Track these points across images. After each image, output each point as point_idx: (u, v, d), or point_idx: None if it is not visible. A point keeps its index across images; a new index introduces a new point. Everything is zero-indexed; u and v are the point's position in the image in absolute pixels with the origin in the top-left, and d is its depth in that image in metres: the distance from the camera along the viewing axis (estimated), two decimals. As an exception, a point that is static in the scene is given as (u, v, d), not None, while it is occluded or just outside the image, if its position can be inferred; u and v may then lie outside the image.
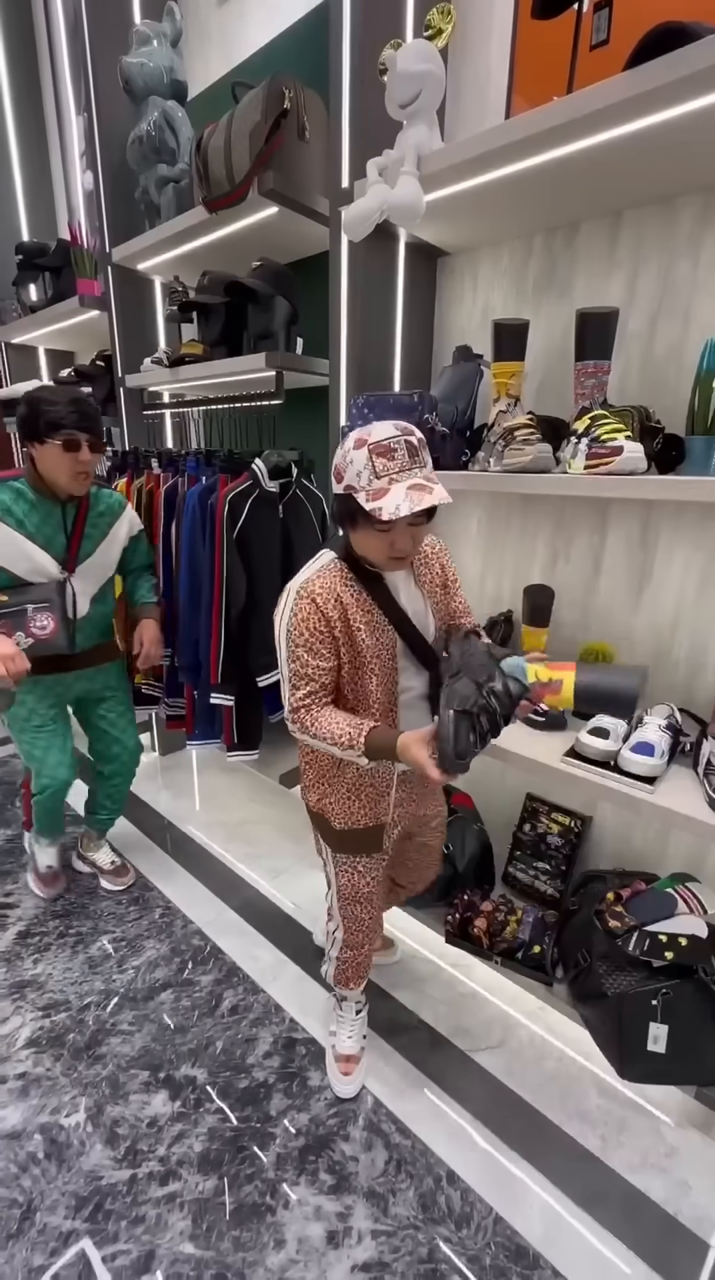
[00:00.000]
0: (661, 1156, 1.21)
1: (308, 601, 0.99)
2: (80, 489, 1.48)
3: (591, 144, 1.04)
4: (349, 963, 1.30)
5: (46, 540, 1.50)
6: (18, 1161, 1.17)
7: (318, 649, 1.00)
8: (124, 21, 2.06)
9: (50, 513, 1.50)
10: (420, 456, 0.92)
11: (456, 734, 0.92)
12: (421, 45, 1.21)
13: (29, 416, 1.38)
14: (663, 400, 1.26)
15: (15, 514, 1.46)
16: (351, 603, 1.01)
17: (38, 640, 1.51)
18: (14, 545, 1.47)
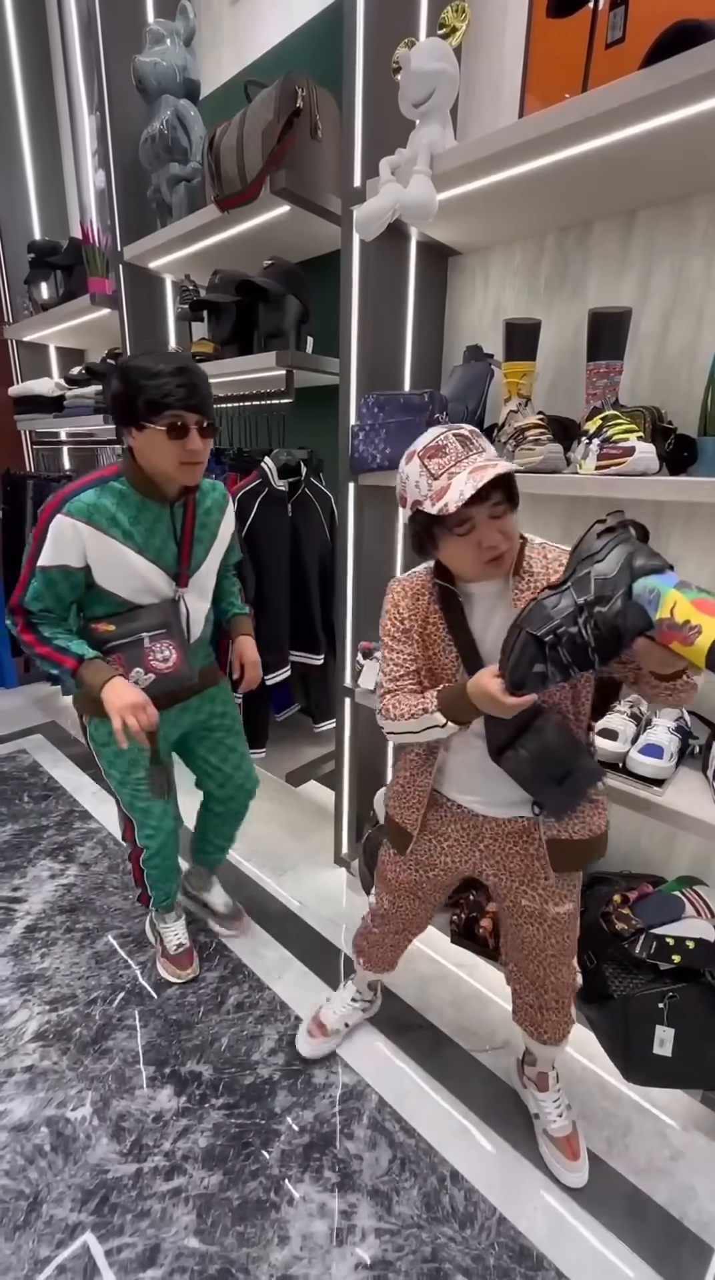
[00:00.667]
0: (667, 1160, 1.20)
1: (395, 593, 1.03)
2: (192, 480, 1.18)
3: (606, 143, 1.04)
4: (365, 933, 1.32)
5: (157, 552, 1.21)
6: (24, 1154, 1.18)
7: (400, 638, 1.02)
8: (137, 20, 2.07)
9: (159, 517, 1.21)
10: (475, 444, 0.86)
11: (518, 660, 0.81)
12: (435, 44, 1.21)
13: (123, 394, 1.08)
14: (675, 401, 1.26)
15: (121, 523, 1.16)
16: (427, 610, 0.99)
17: (159, 675, 1.23)
18: (123, 563, 1.18)
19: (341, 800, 1.94)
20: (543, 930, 1.08)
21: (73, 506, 1.12)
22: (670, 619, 0.70)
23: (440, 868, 1.12)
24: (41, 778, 2.55)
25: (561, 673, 0.80)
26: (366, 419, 1.49)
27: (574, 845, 1.02)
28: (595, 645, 0.77)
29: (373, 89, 1.34)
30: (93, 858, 2.04)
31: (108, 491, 1.16)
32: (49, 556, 1.13)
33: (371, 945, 1.31)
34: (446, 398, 1.43)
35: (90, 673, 1.16)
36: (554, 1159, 1.17)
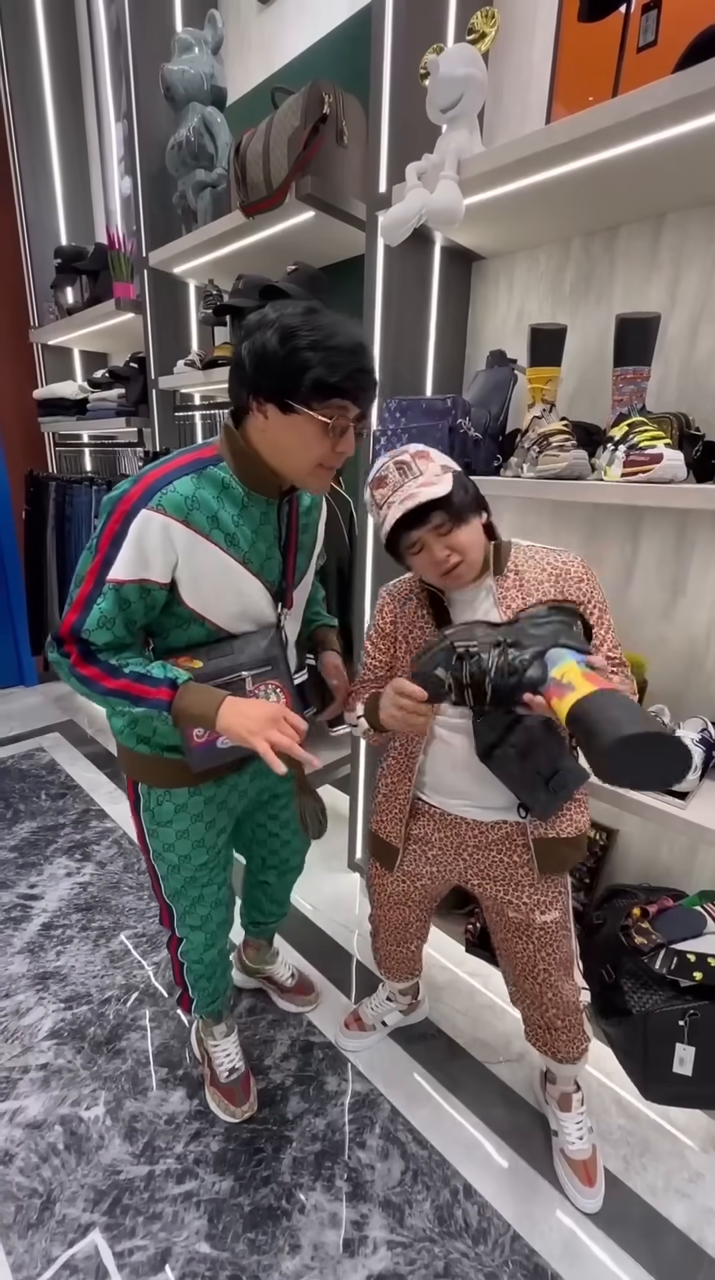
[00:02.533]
0: (685, 1181, 1.18)
1: (382, 599, 1.10)
2: (321, 488, 0.92)
3: (637, 147, 1.03)
4: (375, 948, 1.33)
5: (261, 563, 0.93)
6: (38, 1151, 1.19)
7: (377, 644, 1.10)
8: (166, 29, 2.09)
9: (265, 517, 0.93)
10: (412, 469, 0.91)
11: (427, 656, 0.88)
12: (464, 49, 1.21)
13: (281, 360, 0.77)
14: (703, 407, 1.24)
15: (224, 524, 0.87)
16: (412, 614, 1.05)
17: None
18: (225, 578, 0.89)
19: (356, 805, 1.93)
20: (532, 943, 1.07)
21: (166, 499, 0.81)
22: (558, 679, 0.79)
23: (426, 876, 1.13)
24: (59, 776, 2.57)
25: (457, 690, 0.87)
26: (388, 424, 1.49)
27: (561, 844, 1.03)
28: (493, 676, 0.84)
29: (399, 94, 1.34)
30: (108, 856, 2.06)
31: (207, 481, 0.86)
32: (128, 567, 0.82)
33: (383, 956, 1.31)
34: (469, 403, 1.42)
35: (193, 700, 0.84)
36: (569, 1181, 1.15)
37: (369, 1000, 1.45)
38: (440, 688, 0.89)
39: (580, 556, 0.99)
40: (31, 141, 2.84)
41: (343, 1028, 1.43)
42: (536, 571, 0.97)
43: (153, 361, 2.33)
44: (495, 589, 0.97)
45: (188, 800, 1.03)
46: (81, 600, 0.85)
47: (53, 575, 2.91)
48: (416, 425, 1.44)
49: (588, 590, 0.97)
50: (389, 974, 1.33)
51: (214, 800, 1.06)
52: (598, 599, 0.98)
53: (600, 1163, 1.17)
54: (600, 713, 0.74)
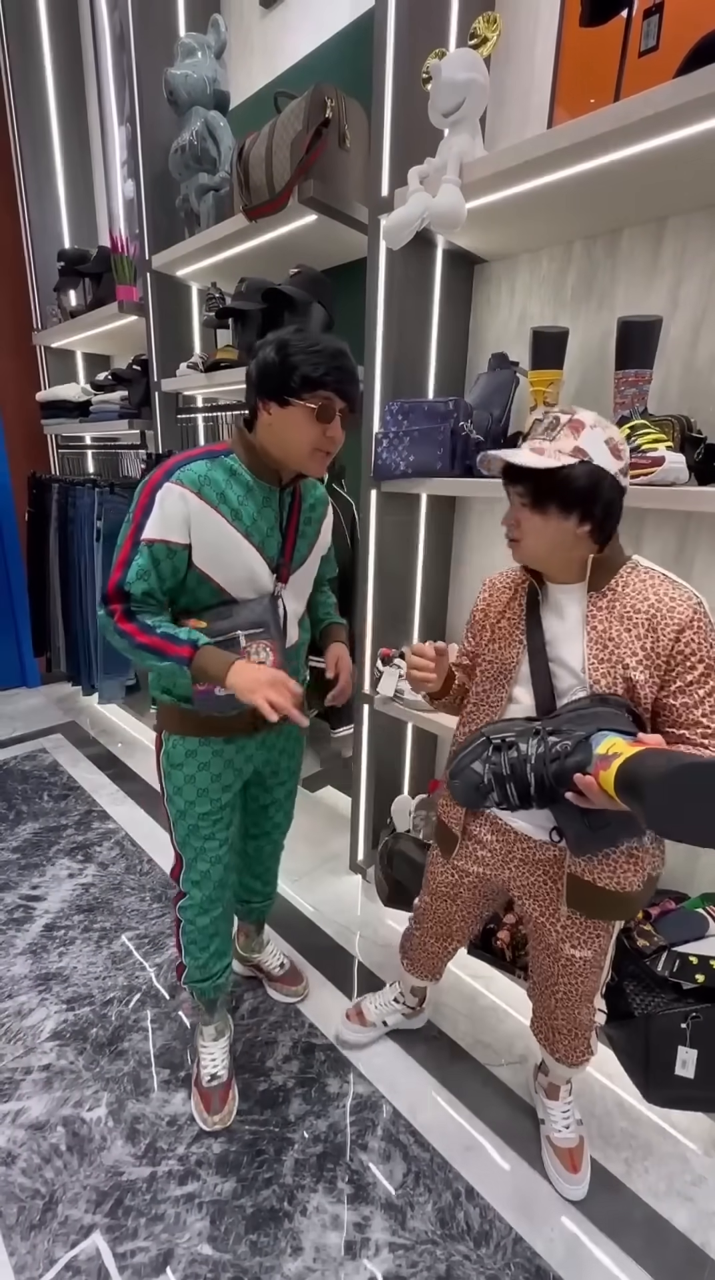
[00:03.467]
0: (688, 1185, 1.17)
1: (486, 585, 1.10)
2: (320, 471, 1.07)
3: (638, 152, 1.03)
4: (408, 933, 1.33)
5: (263, 539, 1.08)
6: (41, 1152, 1.19)
7: (470, 629, 1.11)
8: (169, 34, 2.10)
9: (268, 501, 1.08)
10: (555, 430, 0.84)
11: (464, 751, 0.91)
12: (466, 54, 1.21)
13: (277, 364, 0.97)
14: (705, 410, 1.24)
15: (231, 501, 1.03)
16: (504, 605, 1.04)
17: None
18: (229, 545, 1.04)
19: (358, 807, 1.93)
20: (557, 966, 1.06)
21: (183, 474, 1.00)
22: (604, 754, 0.76)
23: (474, 875, 1.13)
24: (61, 777, 2.58)
25: (497, 784, 0.86)
26: (390, 426, 1.49)
27: (595, 891, 0.96)
28: (534, 764, 0.82)
29: (402, 99, 1.35)
30: (110, 858, 2.06)
31: (219, 466, 1.04)
32: (155, 529, 0.99)
33: (413, 947, 1.32)
34: (471, 405, 1.43)
35: (209, 660, 0.99)
36: (554, 1168, 1.17)
37: (374, 998, 1.45)
38: (478, 783, 0.87)
39: (700, 601, 0.86)
40: (35, 145, 2.85)
41: (344, 1017, 1.44)
42: (637, 599, 0.87)
43: (155, 364, 2.34)
44: (586, 603, 0.91)
45: (198, 748, 1.16)
46: (122, 561, 1.01)
47: (55, 577, 2.92)
48: (418, 427, 1.44)
49: (693, 641, 0.84)
50: (413, 968, 1.32)
51: (222, 755, 1.18)
52: (706, 653, 0.84)
53: (586, 1152, 1.19)
54: (645, 762, 0.70)
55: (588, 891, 0.97)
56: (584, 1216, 1.12)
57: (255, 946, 1.58)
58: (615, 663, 0.87)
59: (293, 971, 1.57)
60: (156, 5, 2.08)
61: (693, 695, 0.84)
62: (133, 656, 1.03)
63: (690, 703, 0.85)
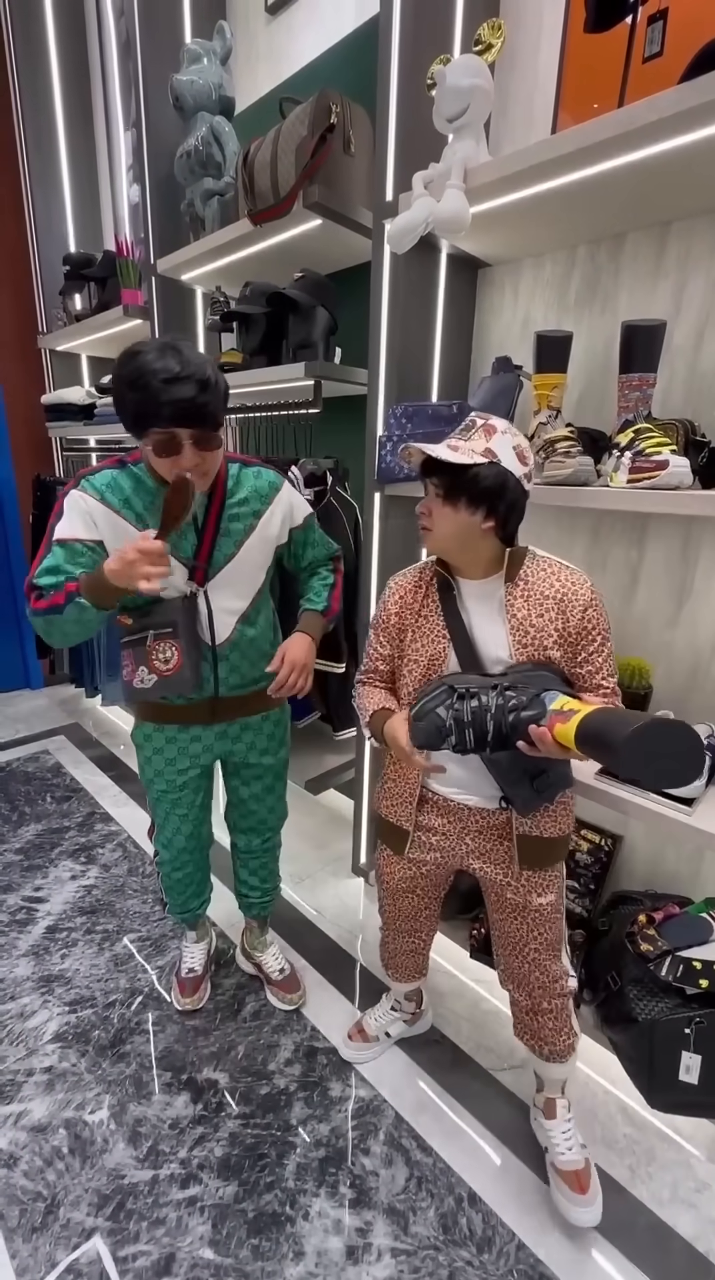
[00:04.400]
0: (691, 1191, 1.17)
1: (391, 587, 1.11)
2: (200, 487, 1.07)
3: (642, 157, 1.03)
4: (381, 944, 1.35)
5: (173, 543, 1.07)
6: (43, 1155, 1.19)
7: (383, 632, 1.11)
8: (175, 40, 2.12)
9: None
10: (472, 430, 0.93)
11: (427, 700, 0.92)
12: (470, 60, 1.22)
13: (118, 404, 0.99)
14: (709, 414, 1.24)
15: (134, 506, 1.08)
16: (419, 603, 1.06)
17: (160, 677, 1.14)
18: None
19: (360, 809, 1.93)
20: (526, 923, 1.11)
21: (87, 483, 1.08)
22: (558, 709, 0.85)
23: (431, 862, 1.15)
24: (64, 779, 2.58)
25: (457, 730, 0.91)
26: (394, 429, 1.50)
27: (544, 843, 1.06)
28: (494, 713, 0.88)
29: (406, 104, 1.35)
30: (113, 860, 2.06)
31: (126, 474, 1.10)
32: (63, 530, 1.07)
33: (390, 955, 1.32)
34: (474, 409, 1.43)
35: (88, 579, 1.02)
36: (561, 1194, 1.11)
37: (372, 1011, 1.45)
38: (442, 727, 0.92)
39: (590, 580, 0.99)
40: (41, 149, 2.87)
41: (346, 1039, 1.42)
42: (544, 586, 0.98)
43: (160, 367, 2.35)
44: (503, 594, 0.99)
45: (153, 733, 1.29)
46: (38, 558, 1.09)
47: (59, 579, 2.93)
48: (422, 431, 1.44)
49: (593, 618, 0.97)
50: (396, 972, 1.33)
51: (176, 742, 1.29)
52: (602, 626, 0.98)
53: (594, 1173, 1.14)
54: (608, 718, 0.79)
55: (537, 845, 1.06)
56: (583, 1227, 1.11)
57: (258, 945, 1.60)
58: (536, 646, 0.97)
59: (291, 978, 1.56)
60: (162, 12, 2.10)
61: (594, 663, 0.98)
62: (54, 630, 1.07)
63: (592, 669, 0.98)
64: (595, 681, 0.99)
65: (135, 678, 1.16)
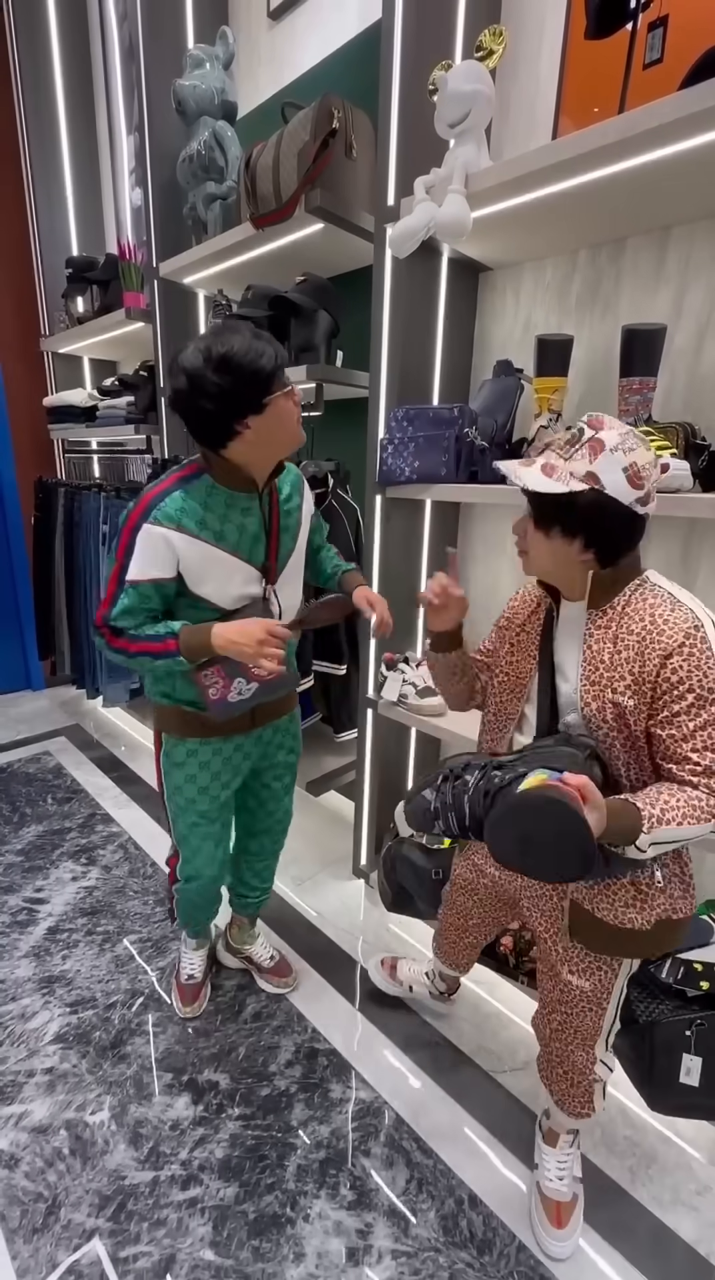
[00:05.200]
0: (693, 1194, 1.17)
1: (520, 592, 1.06)
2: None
3: (643, 162, 1.04)
4: (440, 917, 1.34)
5: (249, 550, 1.10)
6: (44, 1156, 1.19)
7: (496, 630, 1.09)
8: (178, 45, 2.13)
9: (248, 510, 1.09)
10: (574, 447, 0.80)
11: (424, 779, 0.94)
12: (471, 66, 1.23)
13: (237, 384, 0.92)
14: (708, 417, 1.25)
15: (211, 525, 1.05)
16: (525, 619, 1.00)
17: (263, 682, 1.12)
18: (218, 567, 1.07)
19: (361, 811, 1.93)
20: (556, 991, 1.03)
21: (160, 514, 1.01)
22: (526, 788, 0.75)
23: (489, 877, 1.14)
24: (65, 780, 2.59)
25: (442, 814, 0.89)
26: (396, 432, 1.50)
27: (594, 922, 0.93)
28: (471, 794, 0.85)
29: (408, 110, 1.36)
30: (114, 861, 2.06)
31: (194, 491, 1.04)
32: (138, 570, 1.03)
33: (439, 931, 1.35)
34: (476, 412, 1.44)
35: (191, 640, 1.04)
36: (537, 1220, 1.08)
37: (411, 961, 1.49)
38: (427, 810, 0.90)
39: (698, 624, 0.79)
40: (45, 153, 2.89)
41: (380, 962, 1.50)
42: (633, 621, 0.82)
43: (162, 370, 2.36)
44: (587, 622, 0.88)
45: (198, 748, 1.23)
46: (109, 597, 1.07)
47: (60, 581, 2.94)
48: (423, 434, 1.45)
49: (681, 669, 0.77)
50: (438, 951, 1.37)
51: (221, 754, 1.25)
52: (698, 684, 0.77)
53: (579, 1211, 1.10)
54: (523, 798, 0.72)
55: (588, 921, 0.94)
56: (588, 1225, 1.11)
57: (247, 939, 1.62)
58: (605, 686, 0.84)
59: (282, 963, 1.61)
60: (165, 17, 2.11)
61: (682, 727, 0.78)
62: (134, 666, 1.10)
63: (678, 735, 0.79)
64: (680, 751, 0.79)
65: (231, 691, 1.10)
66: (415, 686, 1.64)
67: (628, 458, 0.77)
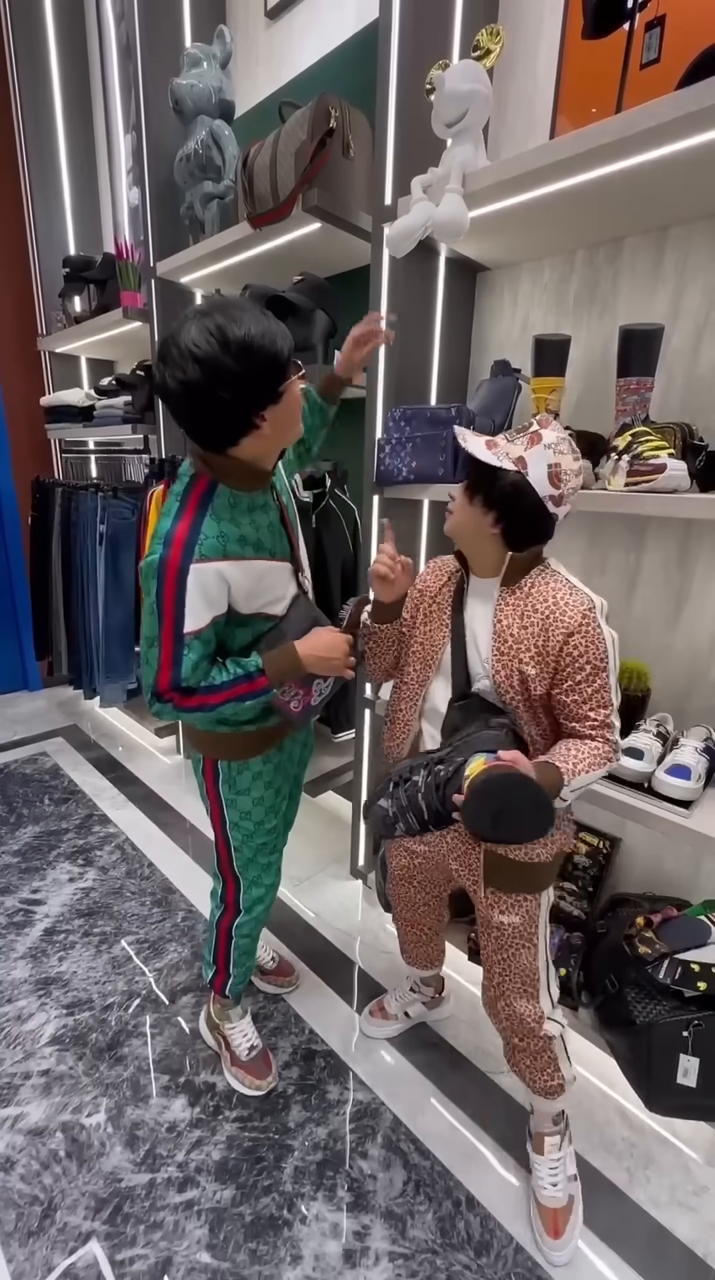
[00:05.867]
0: (690, 1195, 1.17)
1: (428, 566, 1.13)
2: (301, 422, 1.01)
3: (640, 162, 1.04)
4: (397, 930, 1.37)
5: (274, 546, 1.04)
6: (40, 1158, 1.19)
7: (408, 602, 1.12)
8: (175, 44, 2.12)
9: (266, 505, 1.03)
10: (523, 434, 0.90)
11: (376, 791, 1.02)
12: (469, 65, 1.22)
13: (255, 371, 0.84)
14: (706, 418, 1.25)
15: (249, 536, 0.98)
16: (437, 589, 1.07)
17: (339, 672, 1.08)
18: (263, 576, 1.01)
19: (358, 812, 1.93)
20: (491, 941, 1.08)
21: (205, 548, 0.92)
22: (469, 775, 0.86)
23: (420, 855, 1.16)
24: (62, 781, 2.58)
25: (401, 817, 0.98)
26: (393, 432, 1.50)
27: (508, 865, 1.02)
28: (424, 793, 0.94)
29: (405, 109, 1.36)
30: (111, 862, 2.06)
31: (219, 510, 0.96)
32: (196, 618, 0.93)
33: (401, 939, 1.37)
34: (473, 412, 1.43)
35: (278, 668, 1.00)
36: (535, 1228, 1.09)
37: (394, 991, 1.49)
38: (385, 817, 0.96)
39: (591, 607, 0.91)
40: (41, 151, 2.88)
41: (368, 1014, 1.46)
42: (537, 599, 0.94)
43: (159, 369, 2.35)
44: (496, 598, 0.98)
45: (262, 768, 1.17)
46: (168, 659, 0.95)
47: (58, 581, 2.93)
48: (421, 434, 1.45)
49: (579, 645, 0.90)
50: (408, 959, 1.37)
51: (280, 766, 1.21)
52: (593, 655, 0.90)
53: (576, 1215, 1.10)
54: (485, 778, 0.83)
55: (501, 863, 1.02)
56: (585, 1227, 1.11)
57: None
58: (512, 657, 0.95)
59: (283, 964, 1.61)
60: (163, 16, 2.10)
61: (581, 692, 0.92)
62: (214, 717, 1.02)
63: (580, 699, 0.93)
64: (581, 712, 0.93)
65: (313, 696, 1.09)
66: (413, 687, 1.64)
67: (556, 458, 0.87)
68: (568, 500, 0.90)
